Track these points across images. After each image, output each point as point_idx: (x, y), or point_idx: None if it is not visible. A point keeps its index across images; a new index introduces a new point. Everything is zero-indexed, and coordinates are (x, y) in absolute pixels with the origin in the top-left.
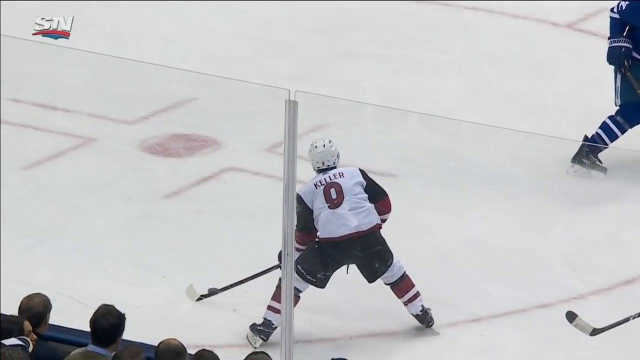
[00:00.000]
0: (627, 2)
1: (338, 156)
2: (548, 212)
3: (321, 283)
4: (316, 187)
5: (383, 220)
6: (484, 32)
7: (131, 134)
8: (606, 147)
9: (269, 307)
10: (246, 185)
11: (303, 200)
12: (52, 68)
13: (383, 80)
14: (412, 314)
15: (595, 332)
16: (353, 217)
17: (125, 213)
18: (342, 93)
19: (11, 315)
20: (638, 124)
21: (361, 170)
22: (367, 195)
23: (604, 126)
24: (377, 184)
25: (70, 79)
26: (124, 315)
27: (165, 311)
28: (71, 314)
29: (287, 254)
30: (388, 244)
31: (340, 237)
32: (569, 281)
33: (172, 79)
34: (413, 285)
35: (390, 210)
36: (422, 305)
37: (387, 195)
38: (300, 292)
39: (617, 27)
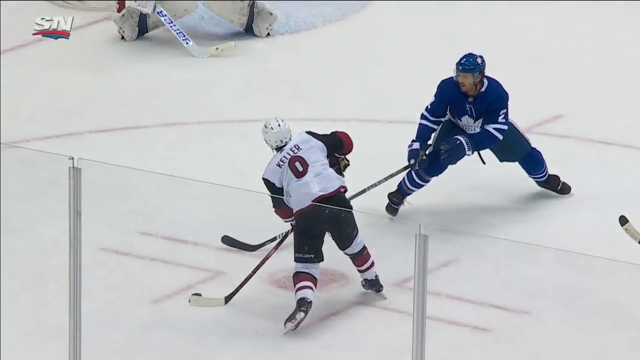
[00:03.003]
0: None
1: (290, 131)
2: None
3: (319, 256)
4: (280, 167)
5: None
6: (619, 166)
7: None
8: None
9: (297, 290)
10: (375, 320)
11: (271, 182)
12: (181, 201)
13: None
14: (366, 278)
15: None
16: (316, 184)
17: (253, 348)
18: (474, 227)
19: None
20: (437, 174)
21: (309, 133)
22: (326, 161)
23: (409, 175)
24: (330, 136)
25: (199, 212)
26: None
27: None
28: None
29: None
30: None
31: (308, 205)
32: None
33: None
34: (370, 256)
35: (352, 145)
36: (375, 272)
37: (341, 137)
38: (317, 273)
39: (421, 131)
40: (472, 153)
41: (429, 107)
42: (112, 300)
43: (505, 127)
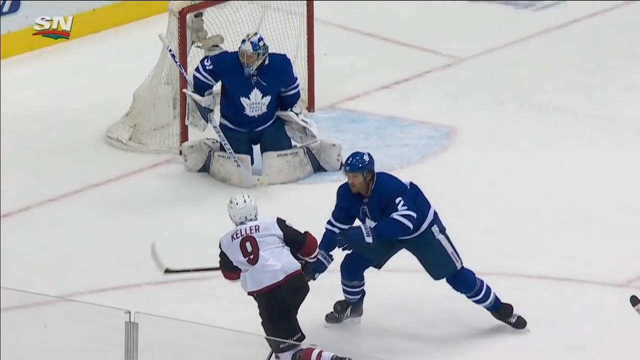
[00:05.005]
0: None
1: (256, 208)
2: None
3: (302, 334)
4: (232, 240)
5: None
6: None
7: None
8: None
9: None
10: None
11: (223, 251)
12: (246, 358)
13: None
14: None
15: None
16: (276, 262)
17: None
18: None
19: None
20: (357, 279)
21: (280, 220)
22: (284, 244)
23: (342, 283)
24: (295, 232)
25: None
26: None
27: None
28: None
29: None
30: None
31: (271, 285)
32: None
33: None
34: None
35: (315, 250)
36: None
37: (307, 237)
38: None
39: (326, 237)
40: (374, 241)
41: (333, 213)
42: None
43: (410, 213)
